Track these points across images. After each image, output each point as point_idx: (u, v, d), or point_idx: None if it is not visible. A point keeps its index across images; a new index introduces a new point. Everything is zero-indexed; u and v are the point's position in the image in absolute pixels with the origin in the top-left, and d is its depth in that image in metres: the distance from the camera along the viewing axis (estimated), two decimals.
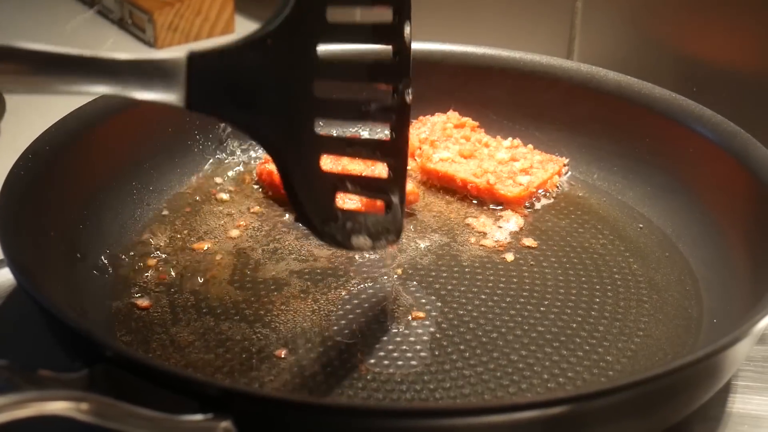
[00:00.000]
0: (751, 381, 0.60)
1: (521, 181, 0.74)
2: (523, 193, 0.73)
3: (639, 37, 0.86)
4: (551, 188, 0.76)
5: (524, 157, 0.76)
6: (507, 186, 0.74)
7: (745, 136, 0.67)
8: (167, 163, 0.74)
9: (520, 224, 0.71)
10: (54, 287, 0.57)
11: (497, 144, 0.78)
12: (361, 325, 0.61)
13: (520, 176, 0.74)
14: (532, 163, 0.76)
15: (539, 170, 0.75)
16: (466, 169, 0.75)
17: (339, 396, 0.55)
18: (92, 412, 0.42)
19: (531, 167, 0.75)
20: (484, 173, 0.75)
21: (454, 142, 0.78)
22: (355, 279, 0.65)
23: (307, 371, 0.56)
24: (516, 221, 0.72)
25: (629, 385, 0.46)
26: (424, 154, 0.77)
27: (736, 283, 0.61)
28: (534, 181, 0.74)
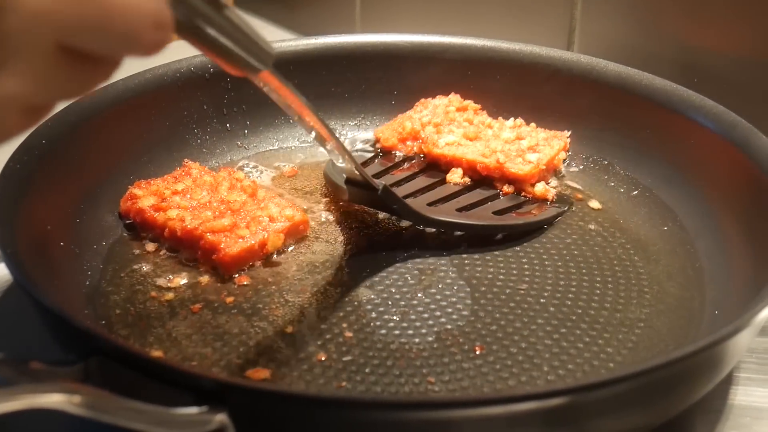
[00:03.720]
0: (753, 373, 0.59)
1: (530, 158, 0.74)
2: (533, 171, 0.73)
3: (639, 28, 0.85)
4: (558, 165, 0.76)
5: (530, 135, 0.76)
6: (517, 164, 0.73)
7: (746, 126, 0.67)
8: (165, 157, 0.74)
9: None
10: (50, 281, 0.57)
11: (501, 125, 0.78)
12: (359, 317, 0.60)
13: (528, 154, 0.74)
14: (538, 140, 0.76)
15: (546, 147, 0.75)
16: (473, 151, 0.75)
17: (336, 389, 0.54)
18: (85, 404, 0.42)
19: (537, 145, 0.75)
20: (493, 153, 0.74)
21: (457, 126, 0.78)
22: (352, 272, 0.65)
23: (304, 364, 0.56)
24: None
25: (629, 376, 0.46)
26: (429, 139, 0.77)
27: (738, 273, 0.61)
28: (542, 158, 0.74)
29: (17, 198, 0.60)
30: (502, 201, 0.73)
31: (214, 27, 0.45)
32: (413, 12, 1.02)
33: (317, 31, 0.88)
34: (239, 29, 0.46)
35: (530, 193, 0.73)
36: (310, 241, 0.68)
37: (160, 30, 0.40)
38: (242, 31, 0.47)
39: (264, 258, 0.66)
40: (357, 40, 0.83)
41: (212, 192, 0.69)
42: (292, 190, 0.75)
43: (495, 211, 0.71)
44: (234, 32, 0.46)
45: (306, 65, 0.81)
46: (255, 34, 0.48)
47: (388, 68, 0.82)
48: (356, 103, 0.83)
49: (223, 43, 0.46)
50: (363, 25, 1.06)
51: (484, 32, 0.83)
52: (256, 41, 0.48)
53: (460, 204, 0.72)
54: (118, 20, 0.38)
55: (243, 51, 0.47)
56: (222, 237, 0.64)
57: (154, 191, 0.69)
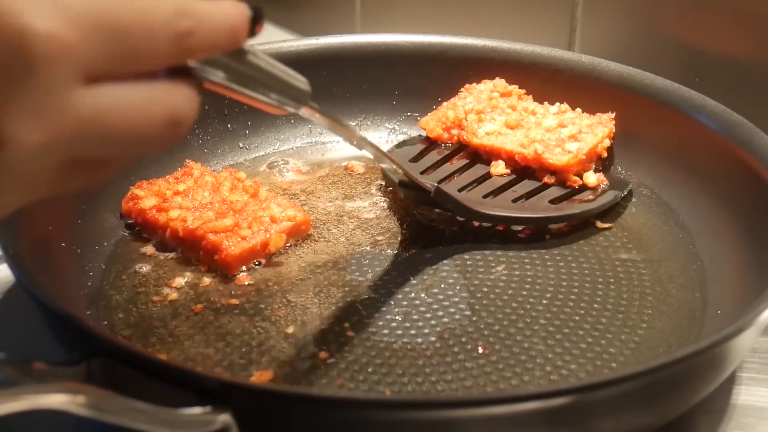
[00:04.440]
0: (756, 373, 0.59)
1: (570, 148, 0.72)
2: (572, 161, 0.71)
3: (640, 28, 0.85)
4: (602, 153, 0.74)
5: (572, 123, 0.74)
6: (555, 154, 0.71)
7: (748, 125, 0.66)
8: (166, 158, 0.74)
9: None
10: (52, 282, 0.57)
11: (545, 110, 0.76)
12: (361, 317, 0.60)
13: (568, 143, 0.72)
14: (581, 128, 0.73)
15: (588, 135, 0.73)
16: (512, 141, 0.73)
17: (340, 389, 0.54)
18: (88, 405, 0.42)
19: (579, 132, 0.73)
20: (531, 143, 0.72)
21: (500, 113, 0.76)
22: (354, 272, 0.65)
23: (307, 364, 0.56)
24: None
25: (632, 376, 0.46)
26: (470, 128, 0.75)
27: (741, 273, 0.61)
28: (583, 148, 0.72)
29: None
30: (556, 189, 0.72)
31: (241, 78, 0.44)
32: (414, 12, 1.02)
33: (317, 31, 0.88)
34: (268, 73, 0.45)
35: (574, 183, 0.72)
36: (312, 242, 0.68)
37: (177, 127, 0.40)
38: (271, 74, 0.46)
39: (266, 258, 0.66)
40: (357, 41, 0.83)
41: (214, 192, 0.69)
42: (293, 189, 0.75)
43: (551, 200, 0.70)
44: (262, 77, 0.45)
45: (306, 66, 0.79)
46: (286, 74, 0.47)
47: (389, 68, 0.82)
48: (357, 103, 0.83)
49: (253, 92, 0.45)
50: (363, 25, 1.06)
51: (485, 32, 0.83)
52: (288, 82, 0.47)
53: (515, 194, 0.71)
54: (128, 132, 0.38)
55: (276, 95, 0.46)
56: (224, 237, 0.64)
57: (155, 192, 0.69)
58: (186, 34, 0.39)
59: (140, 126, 0.38)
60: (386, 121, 0.83)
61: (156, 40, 0.38)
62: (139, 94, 0.38)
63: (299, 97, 0.48)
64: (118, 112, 0.38)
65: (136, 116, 0.38)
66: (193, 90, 0.40)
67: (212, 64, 0.42)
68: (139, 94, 0.38)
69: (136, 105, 0.38)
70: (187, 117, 0.40)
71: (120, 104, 0.38)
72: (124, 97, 0.38)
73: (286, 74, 0.47)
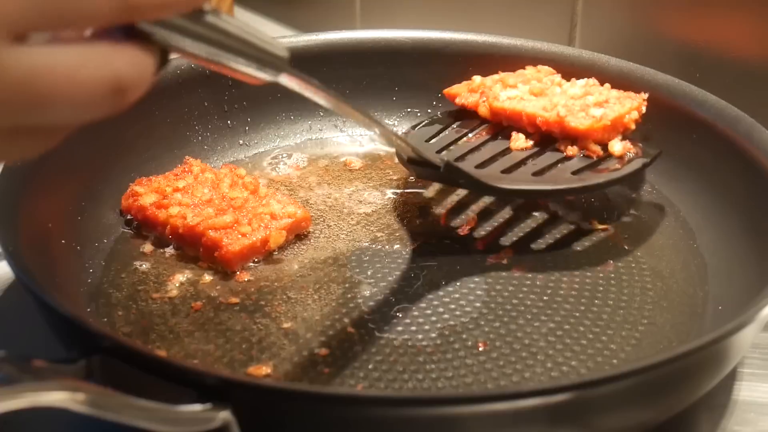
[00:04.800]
0: (758, 368, 0.59)
1: (594, 113, 0.68)
2: (596, 125, 0.67)
3: (641, 23, 0.85)
4: (630, 125, 0.69)
5: (599, 93, 0.71)
6: (579, 118, 0.68)
7: (749, 120, 0.66)
8: (166, 154, 0.74)
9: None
10: (52, 279, 0.57)
11: (572, 83, 0.73)
12: (361, 314, 0.60)
13: (593, 108, 0.68)
14: (608, 98, 0.70)
15: (616, 104, 0.69)
16: (535, 105, 0.70)
17: (340, 386, 0.54)
18: (88, 402, 0.42)
19: (606, 101, 0.69)
20: (554, 107, 0.69)
21: (525, 82, 0.74)
22: (354, 269, 0.65)
23: (308, 361, 0.56)
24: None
25: (633, 372, 0.46)
26: (492, 92, 0.73)
27: (742, 269, 0.61)
28: (609, 114, 0.68)
29: (18, 196, 0.59)
30: (579, 160, 0.68)
31: (207, 42, 0.41)
32: (413, 7, 1.01)
33: (317, 27, 0.87)
34: (237, 38, 0.42)
35: (594, 152, 0.68)
36: (312, 238, 0.68)
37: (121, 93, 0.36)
38: (241, 39, 0.42)
39: (266, 255, 0.65)
40: (357, 36, 0.83)
41: (214, 189, 0.69)
42: (293, 185, 0.75)
43: (573, 171, 0.67)
44: (231, 42, 0.42)
45: (306, 62, 0.79)
46: (259, 39, 0.43)
47: (389, 64, 0.82)
48: (357, 99, 0.82)
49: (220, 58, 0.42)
50: (363, 21, 1.06)
51: (485, 27, 0.83)
52: (261, 47, 0.43)
53: (535, 168, 0.68)
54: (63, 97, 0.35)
55: (247, 60, 0.43)
56: (224, 234, 0.64)
57: (155, 188, 0.69)
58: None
59: (76, 90, 0.35)
60: (386, 116, 0.82)
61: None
62: (75, 56, 0.35)
63: (275, 63, 0.44)
64: (51, 74, 0.35)
65: (71, 80, 0.35)
66: (146, 54, 0.37)
67: (172, 27, 0.39)
68: (76, 56, 0.35)
69: (72, 67, 0.35)
70: (134, 83, 0.37)
71: (53, 66, 0.35)
72: (58, 59, 0.35)
73: (260, 40, 0.43)
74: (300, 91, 0.50)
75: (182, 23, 0.40)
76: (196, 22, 0.40)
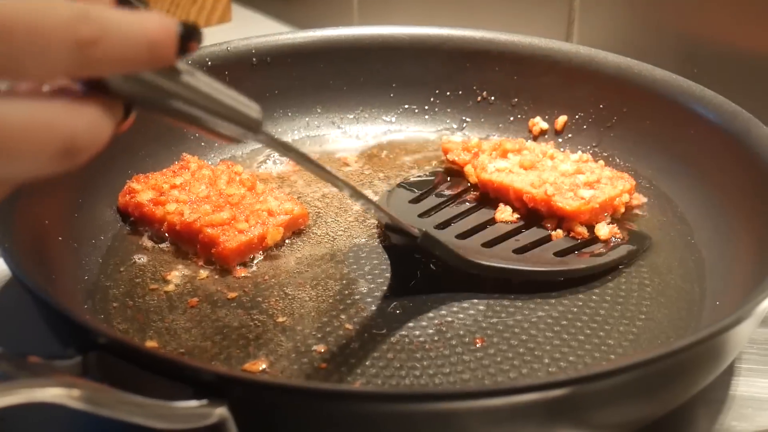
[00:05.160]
0: (755, 364, 0.59)
1: (583, 194, 0.66)
2: (583, 208, 0.66)
3: (638, 19, 0.85)
4: (620, 209, 0.68)
5: (591, 171, 0.69)
6: (567, 198, 0.66)
7: (746, 116, 0.66)
8: (163, 151, 0.74)
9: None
10: (48, 276, 0.57)
11: (564, 157, 0.72)
12: (359, 310, 0.60)
13: (583, 189, 0.67)
14: (600, 177, 0.68)
15: (607, 186, 0.68)
16: (523, 180, 0.68)
17: (337, 382, 0.54)
18: (84, 398, 0.41)
19: (597, 181, 0.68)
20: (543, 183, 0.67)
21: (515, 154, 0.72)
22: (351, 265, 0.64)
23: (304, 357, 0.56)
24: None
25: (631, 366, 0.45)
26: (480, 163, 0.71)
27: (739, 264, 0.61)
28: (598, 196, 0.66)
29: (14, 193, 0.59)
30: (563, 241, 0.66)
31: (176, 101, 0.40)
32: (411, 4, 1.01)
33: (315, 24, 0.87)
34: (209, 97, 0.41)
35: (579, 234, 0.66)
36: (309, 235, 0.68)
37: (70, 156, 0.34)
38: (213, 98, 0.41)
39: (263, 251, 0.65)
40: (355, 33, 0.83)
41: (211, 186, 0.69)
42: (290, 182, 0.75)
43: (556, 252, 0.65)
44: (203, 102, 0.41)
45: (304, 58, 0.81)
46: (233, 99, 0.42)
47: (386, 60, 0.82)
48: (355, 96, 0.82)
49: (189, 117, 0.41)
50: (361, 17, 1.06)
51: (482, 24, 0.82)
52: (235, 108, 0.42)
53: (517, 244, 0.66)
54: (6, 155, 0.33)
55: (219, 121, 0.42)
56: (221, 231, 0.64)
57: (152, 185, 0.68)
58: (88, 43, 0.34)
59: (23, 147, 0.33)
60: (383, 113, 0.82)
61: (49, 47, 0.33)
62: (27, 111, 0.33)
63: (249, 125, 0.43)
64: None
65: (18, 136, 0.33)
66: (106, 115, 0.36)
67: (138, 83, 0.38)
68: (28, 112, 0.33)
69: (21, 123, 0.33)
70: (87, 145, 0.35)
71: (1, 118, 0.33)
72: (7, 112, 0.33)
73: (234, 100, 0.42)
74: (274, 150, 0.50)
75: (152, 79, 0.38)
76: (166, 78, 0.39)
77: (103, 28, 0.34)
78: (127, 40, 0.35)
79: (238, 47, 0.78)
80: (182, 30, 0.37)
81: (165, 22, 0.37)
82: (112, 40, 0.35)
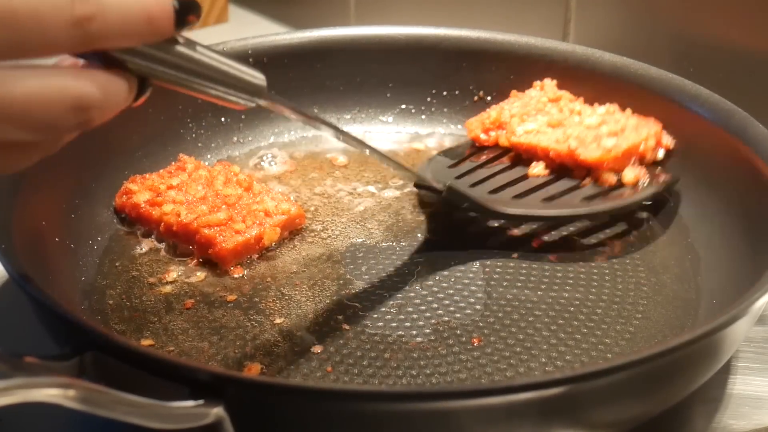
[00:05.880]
0: (752, 362, 0.59)
1: (606, 144, 0.68)
2: (605, 157, 0.67)
3: (635, 18, 0.85)
4: (646, 154, 0.69)
5: (614, 120, 0.70)
6: (589, 150, 0.68)
7: (742, 114, 0.66)
8: (159, 151, 0.74)
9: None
10: (45, 277, 0.56)
11: (592, 111, 0.73)
12: (355, 310, 0.60)
13: (606, 139, 0.68)
14: (624, 126, 0.69)
15: (631, 133, 0.69)
16: (549, 138, 0.71)
17: (333, 381, 0.54)
18: (80, 398, 0.41)
19: (621, 130, 0.69)
20: (567, 138, 0.69)
21: (544, 114, 0.74)
22: (349, 265, 0.64)
23: (301, 357, 0.56)
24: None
25: (627, 365, 0.45)
26: (509, 127, 0.73)
27: (736, 263, 0.61)
28: (621, 144, 0.68)
29: (11, 193, 0.59)
30: (591, 188, 0.69)
31: (181, 71, 0.43)
32: (407, 4, 1.01)
33: (312, 24, 0.87)
34: (211, 66, 0.44)
35: (606, 181, 0.68)
36: (306, 235, 0.68)
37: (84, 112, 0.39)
38: (214, 67, 0.45)
39: (260, 252, 0.65)
40: (351, 33, 0.83)
41: (208, 186, 0.69)
42: (287, 182, 0.75)
43: (584, 198, 0.68)
44: (205, 71, 0.44)
45: (300, 58, 0.81)
46: (234, 68, 0.46)
47: (383, 61, 0.82)
48: (351, 96, 0.82)
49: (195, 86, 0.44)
50: (357, 17, 1.06)
51: (479, 23, 0.82)
52: (236, 75, 0.46)
53: (546, 194, 0.68)
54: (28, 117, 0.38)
55: (223, 88, 0.45)
56: (218, 231, 0.64)
57: (149, 186, 0.68)
58: (86, 20, 0.38)
59: (40, 111, 0.38)
60: (380, 113, 0.82)
61: (49, 27, 0.37)
62: (38, 78, 0.38)
63: (253, 91, 0.47)
64: (12, 97, 0.37)
65: (33, 101, 0.38)
66: (115, 78, 0.40)
67: (144, 56, 0.41)
68: (39, 78, 0.38)
69: (33, 90, 0.38)
70: (98, 102, 0.39)
71: (14, 89, 0.37)
72: (18, 82, 0.37)
73: (235, 68, 0.46)
74: (280, 113, 0.53)
75: (155, 52, 0.42)
76: (168, 51, 0.42)
77: (99, 5, 0.38)
78: (124, 15, 0.39)
79: (235, 48, 0.78)
80: (179, 4, 0.40)
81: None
82: (110, 15, 0.38)
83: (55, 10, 0.37)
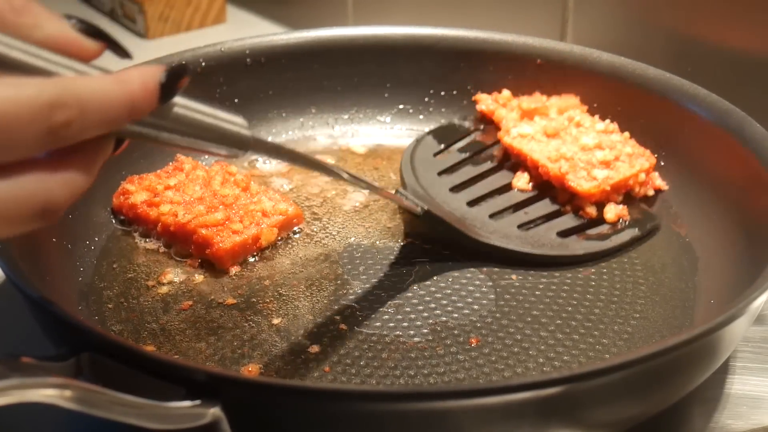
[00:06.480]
0: (749, 362, 0.59)
1: (597, 174, 0.67)
2: (593, 190, 0.66)
3: (632, 18, 0.85)
4: (637, 189, 0.69)
5: (609, 147, 0.69)
6: (579, 178, 0.67)
7: (740, 114, 0.66)
8: (157, 152, 0.73)
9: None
10: (42, 277, 0.56)
11: (591, 125, 0.71)
12: (353, 310, 0.60)
13: (597, 169, 0.67)
14: (619, 154, 0.68)
15: (624, 165, 0.68)
16: (542, 150, 0.69)
17: (330, 381, 0.54)
18: (77, 399, 0.41)
19: (616, 159, 0.68)
20: (560, 158, 0.68)
21: (541, 117, 0.73)
22: (346, 265, 0.64)
23: (299, 357, 0.56)
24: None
25: (625, 364, 0.45)
26: (504, 125, 0.73)
27: (733, 262, 0.61)
28: (611, 178, 0.66)
29: None
30: (570, 219, 0.68)
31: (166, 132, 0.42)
32: (405, 4, 1.01)
33: (309, 24, 0.87)
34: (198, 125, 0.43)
35: (588, 214, 0.67)
36: (303, 235, 0.68)
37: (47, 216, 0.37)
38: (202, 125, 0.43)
39: (258, 252, 0.65)
40: (349, 33, 0.83)
41: (205, 186, 0.69)
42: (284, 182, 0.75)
43: (560, 231, 0.66)
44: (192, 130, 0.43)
45: (298, 58, 0.80)
46: (221, 120, 0.44)
47: (380, 61, 0.82)
48: (349, 96, 0.82)
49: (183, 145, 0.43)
50: (355, 17, 1.06)
51: (476, 23, 0.82)
52: (223, 129, 0.44)
53: (525, 218, 0.68)
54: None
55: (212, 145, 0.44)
56: (215, 232, 0.64)
57: (146, 186, 0.68)
58: (63, 126, 0.35)
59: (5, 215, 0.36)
60: (378, 113, 0.82)
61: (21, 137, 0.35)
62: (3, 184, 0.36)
63: (239, 144, 0.45)
64: None
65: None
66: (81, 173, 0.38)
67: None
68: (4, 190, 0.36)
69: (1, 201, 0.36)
70: (64, 203, 0.38)
71: None
72: None
73: (222, 121, 0.44)
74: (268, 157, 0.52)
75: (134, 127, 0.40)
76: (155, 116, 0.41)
77: (81, 105, 0.36)
78: (106, 110, 0.37)
79: (233, 48, 0.78)
80: (166, 78, 0.39)
81: (146, 78, 0.38)
82: (91, 113, 0.36)
83: (29, 121, 0.35)
